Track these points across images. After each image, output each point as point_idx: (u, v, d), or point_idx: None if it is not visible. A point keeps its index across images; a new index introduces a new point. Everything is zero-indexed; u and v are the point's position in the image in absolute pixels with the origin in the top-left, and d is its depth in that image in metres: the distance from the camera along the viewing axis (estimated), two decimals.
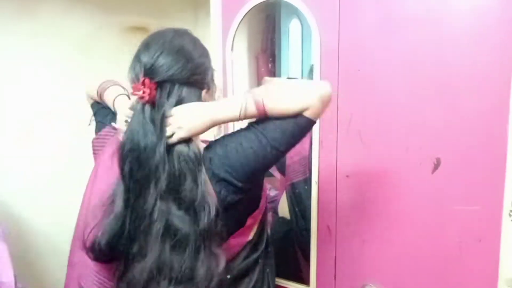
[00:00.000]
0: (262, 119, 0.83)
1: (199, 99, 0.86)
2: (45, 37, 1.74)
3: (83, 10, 1.84)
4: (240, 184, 0.83)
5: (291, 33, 1.52)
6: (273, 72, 1.55)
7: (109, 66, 0.90)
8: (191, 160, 0.81)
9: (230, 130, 1.34)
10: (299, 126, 0.82)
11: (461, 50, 0.95)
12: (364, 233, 1.13)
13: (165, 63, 0.83)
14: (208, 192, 0.80)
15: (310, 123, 0.83)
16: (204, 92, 0.88)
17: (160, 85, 0.82)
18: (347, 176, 1.13)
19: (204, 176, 0.81)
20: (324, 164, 1.16)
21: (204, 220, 0.79)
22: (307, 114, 0.81)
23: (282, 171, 1.41)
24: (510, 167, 0.91)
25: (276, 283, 1.29)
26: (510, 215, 0.92)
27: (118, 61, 0.94)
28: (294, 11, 1.33)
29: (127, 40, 1.86)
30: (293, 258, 1.35)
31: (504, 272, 0.94)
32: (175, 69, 0.83)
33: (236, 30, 1.30)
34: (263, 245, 0.96)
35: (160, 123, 0.81)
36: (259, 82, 1.53)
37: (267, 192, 0.96)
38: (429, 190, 1.02)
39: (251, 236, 0.92)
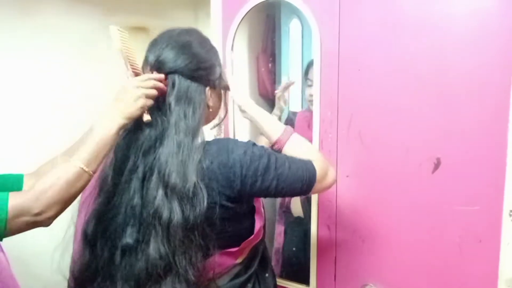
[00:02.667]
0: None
1: (202, 95, 0.86)
2: (45, 37, 1.74)
3: (83, 10, 1.84)
4: (230, 203, 0.83)
5: (291, 33, 1.52)
6: (273, 72, 1.55)
7: (109, 66, 0.90)
8: (191, 149, 0.81)
9: (230, 129, 1.34)
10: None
11: (461, 51, 0.95)
12: (364, 233, 1.13)
13: (170, 56, 0.85)
14: (200, 185, 0.79)
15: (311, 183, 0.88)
16: (208, 89, 0.88)
17: (166, 77, 0.84)
18: (347, 176, 1.13)
19: (197, 168, 0.80)
20: None
21: (194, 211, 0.78)
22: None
23: None
24: (510, 167, 0.91)
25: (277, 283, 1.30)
26: (510, 215, 0.92)
27: (118, 61, 0.93)
28: (294, 11, 1.33)
29: None
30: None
31: (504, 272, 0.94)
32: (180, 62, 0.84)
33: (236, 30, 1.30)
34: (252, 270, 0.94)
35: (166, 113, 0.83)
36: (259, 82, 1.53)
37: (263, 222, 0.94)
38: (429, 190, 1.02)
39: (239, 259, 0.91)
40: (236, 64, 1.36)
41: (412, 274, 1.07)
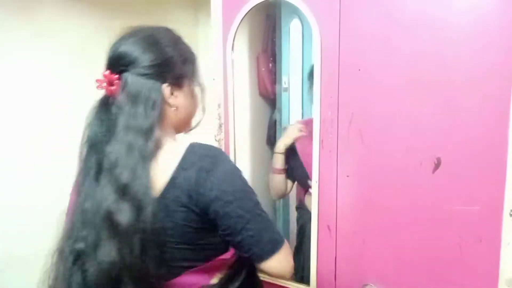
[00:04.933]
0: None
1: (157, 92, 0.81)
2: (45, 37, 1.74)
3: (83, 10, 1.85)
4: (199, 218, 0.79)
5: (292, 33, 1.52)
6: (274, 72, 1.55)
7: None
8: (143, 151, 0.77)
9: (230, 130, 1.34)
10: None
11: (461, 50, 0.95)
12: (364, 233, 1.13)
13: (124, 53, 0.81)
14: (149, 189, 0.76)
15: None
16: (165, 86, 0.82)
17: (120, 76, 0.81)
18: (347, 176, 1.13)
19: (147, 172, 0.77)
20: (325, 164, 1.16)
21: (144, 214, 0.74)
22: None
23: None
24: (511, 166, 0.91)
25: (276, 283, 1.30)
26: (510, 215, 0.92)
27: None
28: (295, 11, 1.34)
29: None
30: None
31: (505, 272, 0.94)
32: (133, 58, 0.81)
33: (237, 30, 1.30)
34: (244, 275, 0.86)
35: (115, 111, 0.80)
36: (259, 82, 1.53)
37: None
38: (429, 190, 1.02)
39: (214, 280, 0.83)
40: (236, 64, 1.36)
41: (412, 274, 1.07)
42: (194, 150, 0.81)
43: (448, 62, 0.97)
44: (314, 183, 1.18)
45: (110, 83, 0.81)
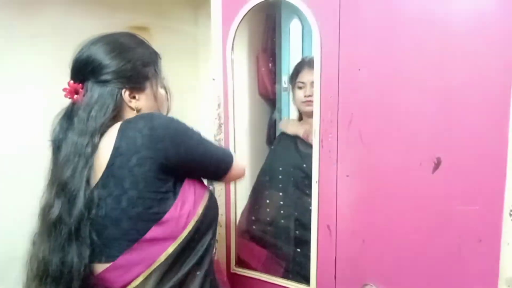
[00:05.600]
0: None
1: (113, 98, 0.87)
2: (45, 38, 1.74)
3: (83, 11, 1.84)
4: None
5: (292, 33, 1.52)
6: (274, 71, 1.55)
7: None
8: (82, 148, 0.82)
9: (230, 129, 1.34)
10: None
11: (461, 50, 0.95)
12: (364, 233, 1.13)
13: (85, 61, 0.88)
14: (84, 185, 0.81)
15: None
16: (124, 91, 0.88)
17: (83, 85, 0.88)
18: (347, 175, 1.13)
19: (87, 169, 0.81)
20: (324, 164, 1.16)
21: (75, 209, 0.80)
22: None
23: None
24: (511, 166, 0.91)
25: (276, 283, 1.30)
26: (510, 214, 0.92)
27: None
28: (295, 11, 1.34)
29: None
30: None
31: (504, 272, 0.94)
32: (92, 66, 0.87)
33: (236, 30, 1.30)
34: (186, 270, 0.85)
35: (73, 117, 0.87)
36: (259, 82, 1.53)
37: (195, 209, 0.87)
38: (429, 190, 1.02)
39: (159, 260, 0.82)
40: (236, 64, 1.36)
41: (412, 274, 1.07)
42: (128, 120, 0.85)
43: (448, 62, 0.97)
44: (314, 183, 1.18)
45: (75, 92, 0.87)
